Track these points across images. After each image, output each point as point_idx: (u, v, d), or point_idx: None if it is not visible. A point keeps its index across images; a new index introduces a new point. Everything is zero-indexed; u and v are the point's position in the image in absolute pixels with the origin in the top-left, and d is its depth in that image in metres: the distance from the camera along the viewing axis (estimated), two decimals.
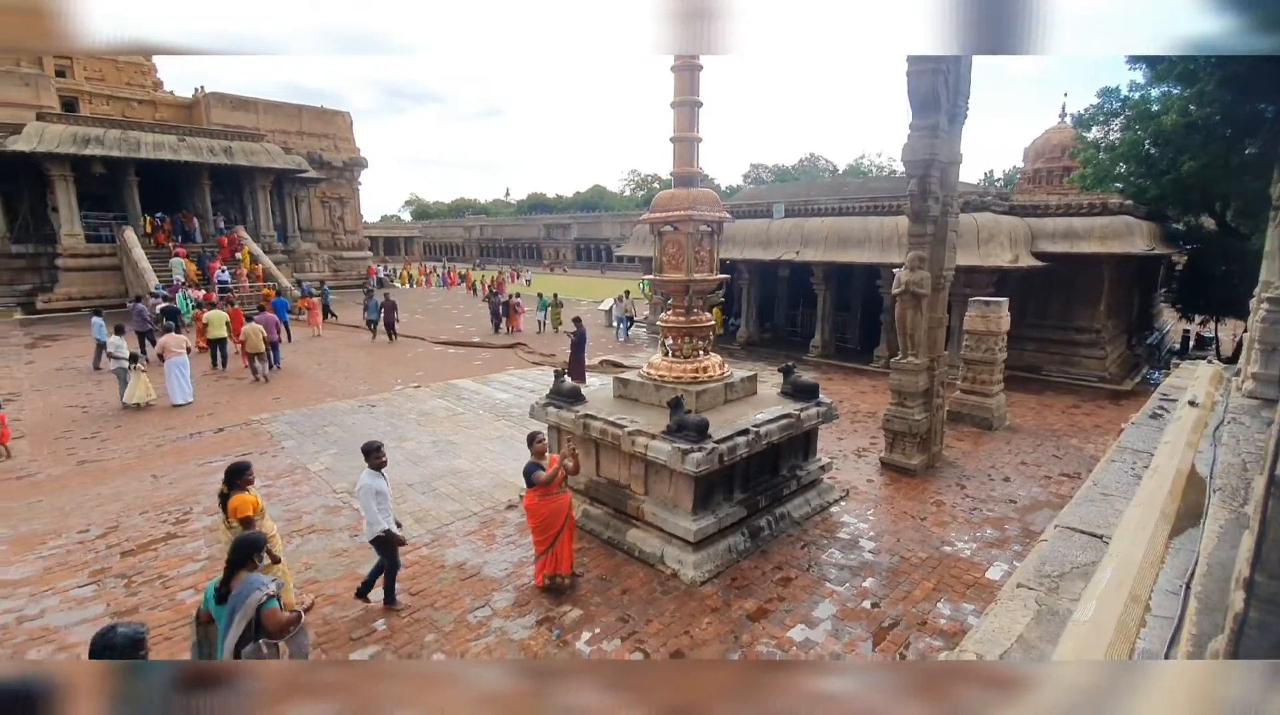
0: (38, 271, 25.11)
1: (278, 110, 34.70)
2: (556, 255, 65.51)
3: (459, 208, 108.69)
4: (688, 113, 6.68)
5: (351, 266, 35.86)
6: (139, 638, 2.77)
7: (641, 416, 6.55)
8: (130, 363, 11.59)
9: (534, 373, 15.00)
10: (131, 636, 2.75)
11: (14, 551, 6.32)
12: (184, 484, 8.07)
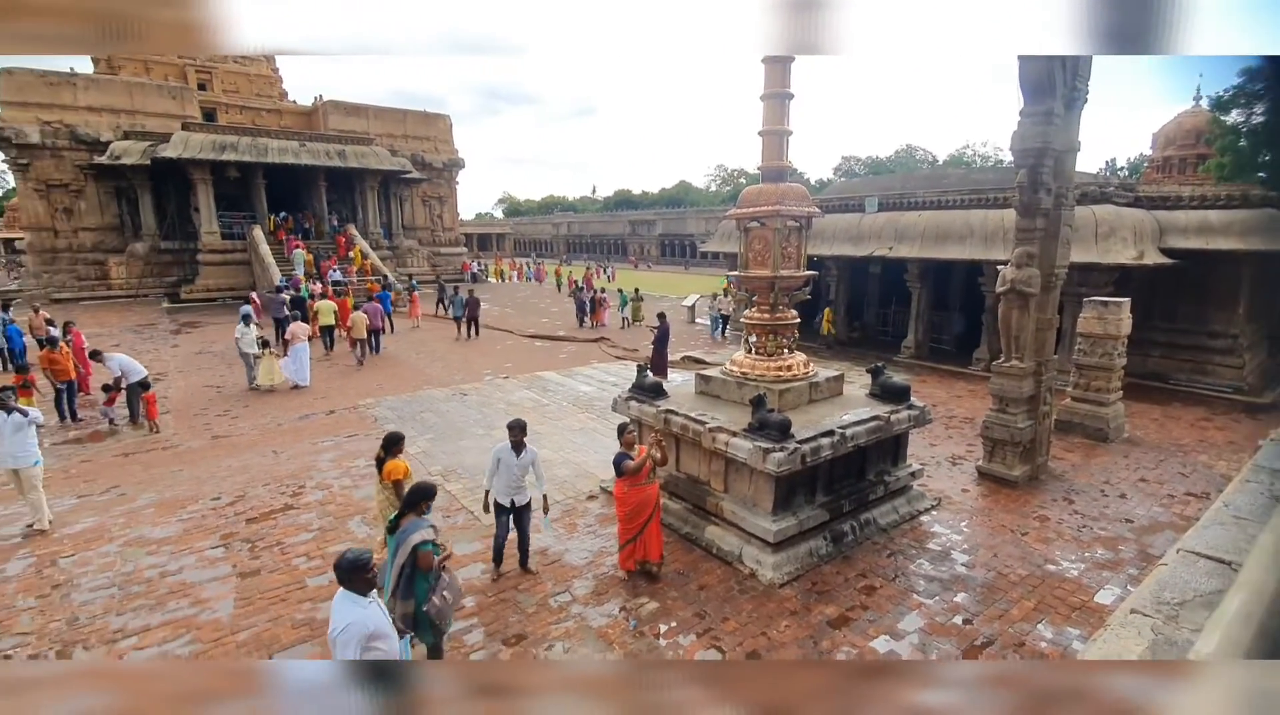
0: (182, 265, 28.15)
1: (385, 115, 37.03)
2: (641, 251, 66.03)
3: (548, 205, 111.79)
4: (778, 105, 6.56)
5: (448, 262, 37.74)
6: (364, 560, 3.20)
7: (722, 413, 6.52)
8: (262, 349, 12.75)
9: (616, 367, 15.24)
10: (355, 560, 3.18)
11: (159, 514, 7.15)
12: (300, 461, 8.83)
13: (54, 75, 28.17)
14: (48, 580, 5.79)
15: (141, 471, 8.51)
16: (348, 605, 3.13)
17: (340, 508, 7.28)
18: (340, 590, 3.20)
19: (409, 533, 4.07)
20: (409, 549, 4.02)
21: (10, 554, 6.26)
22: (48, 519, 6.78)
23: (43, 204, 27.53)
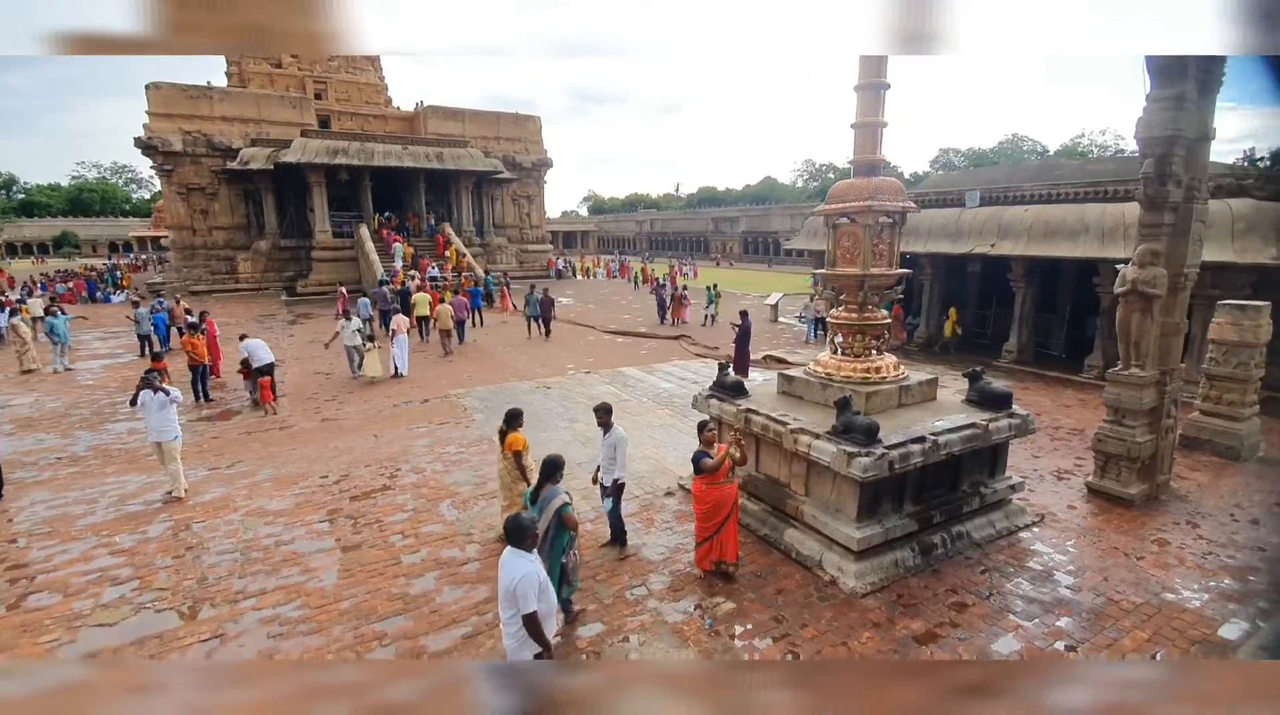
0: (298, 261, 30.61)
1: (480, 118, 38.65)
2: (724, 248, 65.39)
3: (632, 203, 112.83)
4: (872, 96, 6.31)
5: (535, 259, 38.91)
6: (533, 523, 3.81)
7: (805, 415, 6.37)
8: (366, 342, 13.55)
9: (696, 364, 15.20)
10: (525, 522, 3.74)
11: (276, 488, 7.84)
12: (397, 445, 9.41)
13: (194, 89, 31.34)
14: (182, 542, 6.48)
15: (261, 448, 9.35)
16: (519, 560, 3.61)
17: (433, 491, 7.70)
18: (508, 548, 3.69)
19: (550, 499, 4.69)
20: (553, 511, 4.63)
21: (152, 517, 7.06)
22: (183, 488, 7.59)
23: (183, 205, 30.73)
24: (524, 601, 3.49)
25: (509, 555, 3.67)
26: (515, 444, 6.15)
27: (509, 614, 3.59)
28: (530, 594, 3.50)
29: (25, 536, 6.65)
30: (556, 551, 4.74)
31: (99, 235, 73.55)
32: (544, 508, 4.68)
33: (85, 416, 11.12)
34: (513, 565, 3.59)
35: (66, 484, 8.09)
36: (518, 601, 3.51)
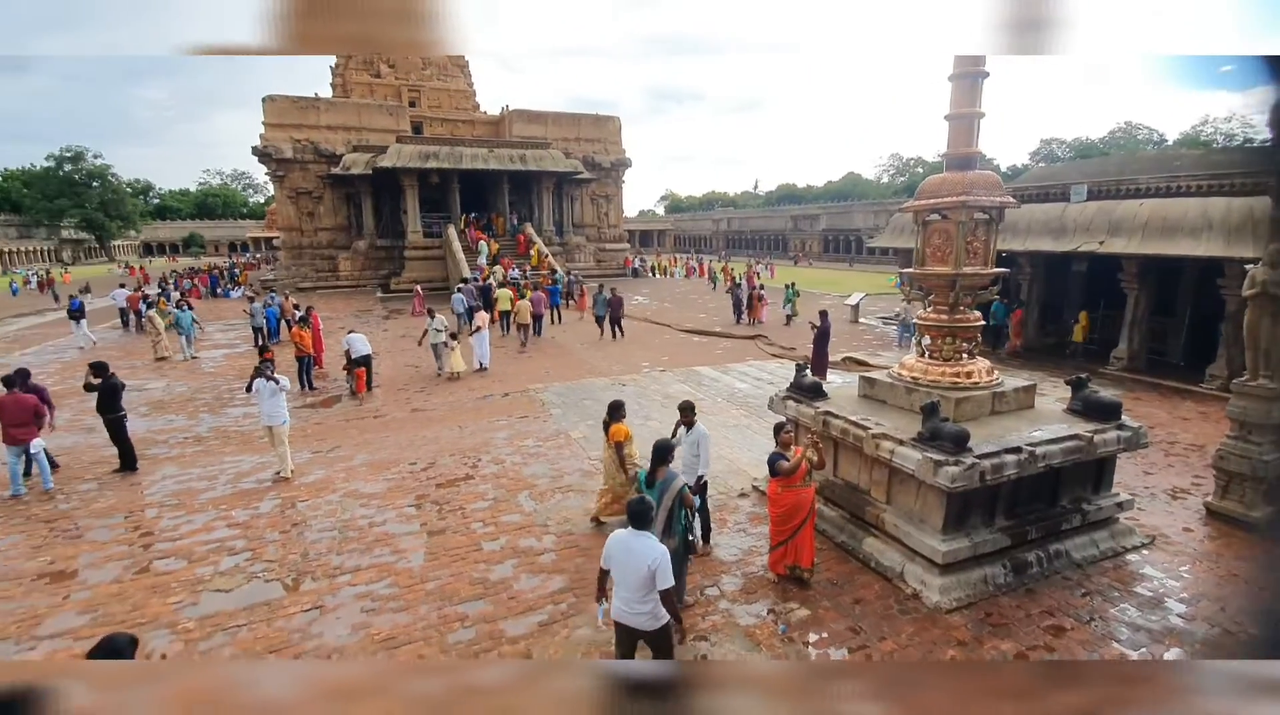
0: (392, 260, 32.45)
1: (562, 120, 39.55)
2: (802, 247, 63.84)
3: (709, 201, 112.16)
4: (969, 86, 5.99)
5: (612, 257, 39.43)
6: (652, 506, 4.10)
7: (888, 419, 6.13)
8: (450, 340, 14.02)
9: (773, 365, 14.94)
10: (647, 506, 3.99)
11: (370, 472, 8.36)
12: (479, 436, 9.81)
13: (303, 100, 33.80)
14: (288, 519, 7.03)
15: (358, 435, 10.00)
16: (648, 541, 3.84)
17: (512, 482, 7.97)
18: (629, 531, 3.88)
19: (670, 481, 4.93)
20: (675, 492, 4.86)
21: (264, 495, 7.70)
22: (290, 469, 8.23)
23: (293, 208, 33.25)
24: (664, 578, 3.73)
25: (634, 537, 3.84)
26: (617, 435, 6.37)
27: (642, 593, 3.78)
28: (669, 571, 3.76)
29: (157, 507, 7.42)
30: (681, 532, 4.97)
31: (221, 236, 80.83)
32: (664, 490, 4.89)
33: (208, 401, 12.26)
34: (646, 546, 3.80)
35: (191, 461, 8.96)
36: (656, 580, 3.73)
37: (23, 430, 7.63)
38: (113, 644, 2.94)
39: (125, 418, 8.67)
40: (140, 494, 7.81)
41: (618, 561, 3.85)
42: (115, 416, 8.51)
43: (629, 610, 3.85)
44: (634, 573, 3.78)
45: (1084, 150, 60.86)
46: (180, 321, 16.62)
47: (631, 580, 3.80)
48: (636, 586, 3.79)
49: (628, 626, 3.90)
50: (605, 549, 3.93)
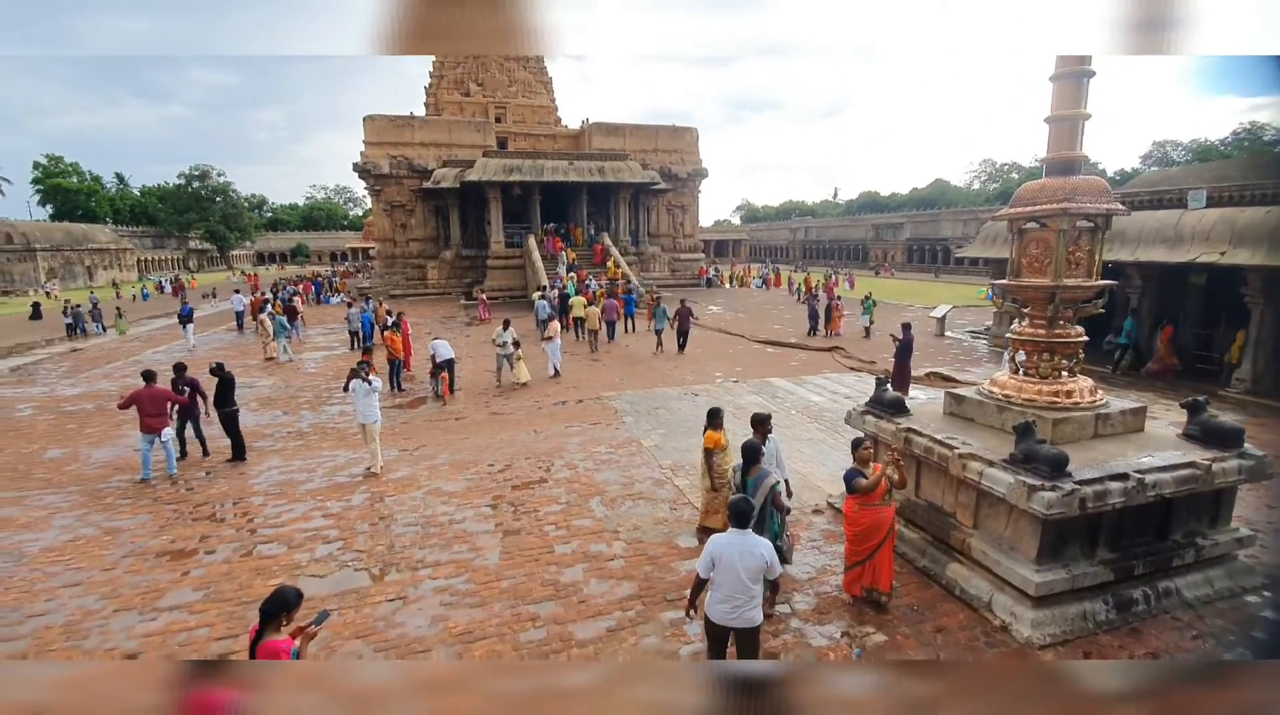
0: (475, 269, 33.84)
1: (639, 132, 40.10)
2: (884, 257, 61.55)
3: (786, 210, 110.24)
4: (1073, 86, 5.62)
5: (687, 267, 39.46)
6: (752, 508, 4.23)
7: (976, 439, 5.81)
8: (514, 349, 13.90)
9: (850, 378, 14.47)
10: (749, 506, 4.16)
11: (451, 471, 8.73)
12: (553, 441, 10.04)
13: (400, 119, 35.95)
14: (377, 513, 7.45)
15: (440, 435, 10.47)
16: (751, 537, 4.01)
17: (584, 487, 8.11)
18: (731, 531, 4.04)
19: (764, 477, 5.14)
20: (767, 487, 5.10)
21: (355, 488, 8.20)
22: (380, 465, 8.72)
23: (388, 220, 35.35)
24: (775, 568, 3.98)
25: (739, 537, 3.98)
26: (708, 441, 6.54)
27: (749, 592, 3.93)
28: (777, 561, 4.02)
29: (262, 495, 8.05)
30: (774, 530, 5.21)
31: (324, 246, 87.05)
32: (758, 488, 5.10)
33: (309, 399, 13.19)
34: (753, 542, 3.97)
35: (293, 454, 9.66)
36: (768, 571, 3.96)
37: (157, 420, 8.49)
38: (283, 595, 3.38)
39: (237, 412, 9.48)
40: (248, 483, 8.50)
41: (725, 562, 3.94)
42: (229, 410, 9.31)
43: (731, 610, 3.96)
44: (745, 570, 3.90)
45: (1203, 153, 55.49)
46: (282, 326, 17.97)
47: (740, 578, 3.91)
48: (744, 585, 3.91)
49: (725, 626, 4.01)
50: (706, 555, 4.01)
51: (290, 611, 3.34)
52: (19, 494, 8.27)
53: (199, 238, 72.45)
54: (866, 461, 5.47)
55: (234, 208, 72.96)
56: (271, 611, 3.30)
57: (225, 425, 9.39)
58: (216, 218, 70.26)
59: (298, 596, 3.42)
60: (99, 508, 7.74)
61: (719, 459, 6.56)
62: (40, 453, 9.92)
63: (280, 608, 3.31)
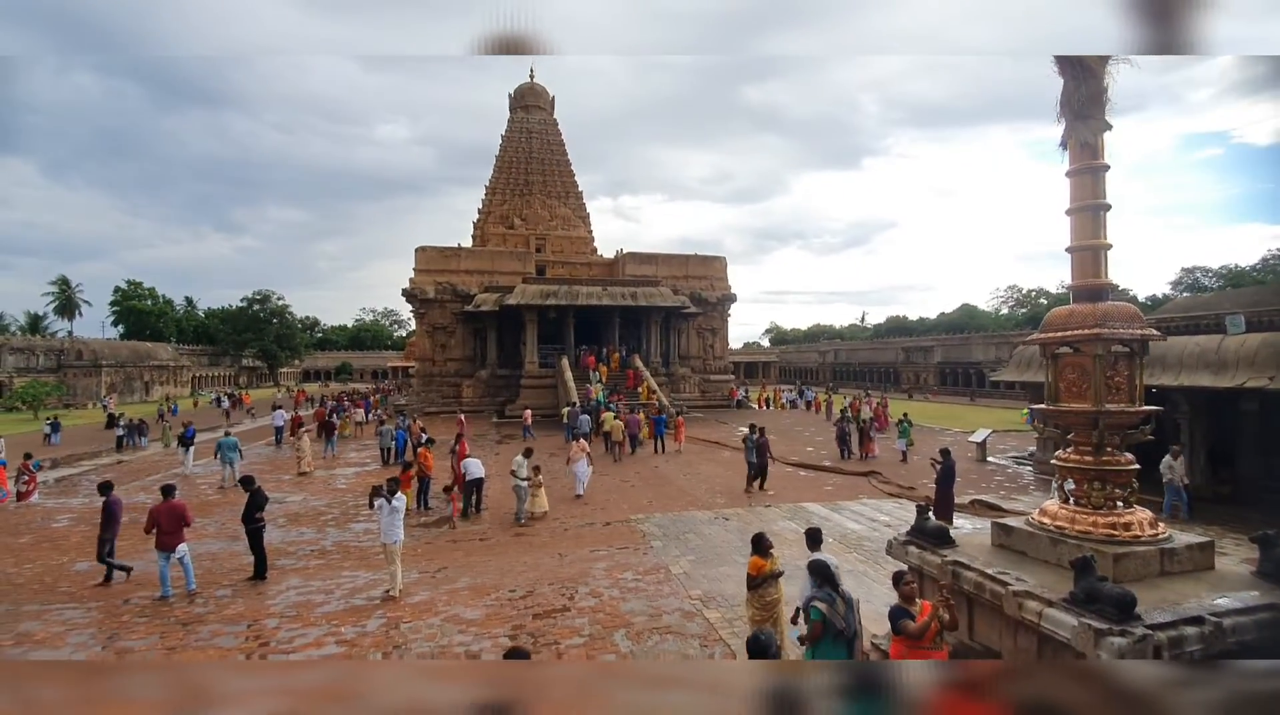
0: (508, 388, 34.60)
1: (671, 260, 42.26)
2: (916, 379, 61.06)
3: (814, 333, 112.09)
4: (1090, 218, 5.81)
5: (716, 388, 39.68)
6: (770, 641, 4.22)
7: (1030, 575, 5.39)
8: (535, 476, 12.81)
9: (889, 505, 13.85)
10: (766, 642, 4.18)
11: (471, 596, 8.38)
12: (578, 566, 9.65)
13: (448, 249, 38.72)
14: (391, 640, 7.10)
15: (463, 557, 10.18)
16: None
17: (608, 618, 7.65)
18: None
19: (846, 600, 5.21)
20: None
21: (371, 612, 7.89)
22: (398, 588, 8.44)
23: (429, 341, 36.95)
24: None
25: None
26: (751, 567, 6.36)
27: None
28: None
29: (278, 617, 7.79)
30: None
31: (367, 365, 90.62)
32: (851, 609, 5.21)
33: (335, 516, 13.12)
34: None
35: (314, 574, 9.46)
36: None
37: (173, 537, 8.47)
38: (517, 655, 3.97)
39: (263, 528, 9.43)
40: (265, 604, 8.27)
41: None
42: (254, 526, 9.28)
43: None
44: None
45: (1235, 278, 55.55)
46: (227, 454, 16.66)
47: None
48: None
49: None
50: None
51: None
52: (42, 607, 8.17)
53: (251, 356, 76.35)
54: (912, 598, 5.09)
55: (288, 329, 77.40)
56: None
57: (250, 540, 9.32)
58: (270, 338, 74.40)
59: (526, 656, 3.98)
60: (115, 625, 7.57)
61: (775, 588, 6.28)
62: (70, 565, 9.92)
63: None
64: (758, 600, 6.25)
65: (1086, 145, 5.75)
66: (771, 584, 6.30)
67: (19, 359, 51.08)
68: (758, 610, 6.24)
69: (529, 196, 46.25)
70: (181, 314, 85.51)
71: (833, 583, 5.32)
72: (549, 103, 49.86)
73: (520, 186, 46.47)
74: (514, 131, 48.26)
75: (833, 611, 5.17)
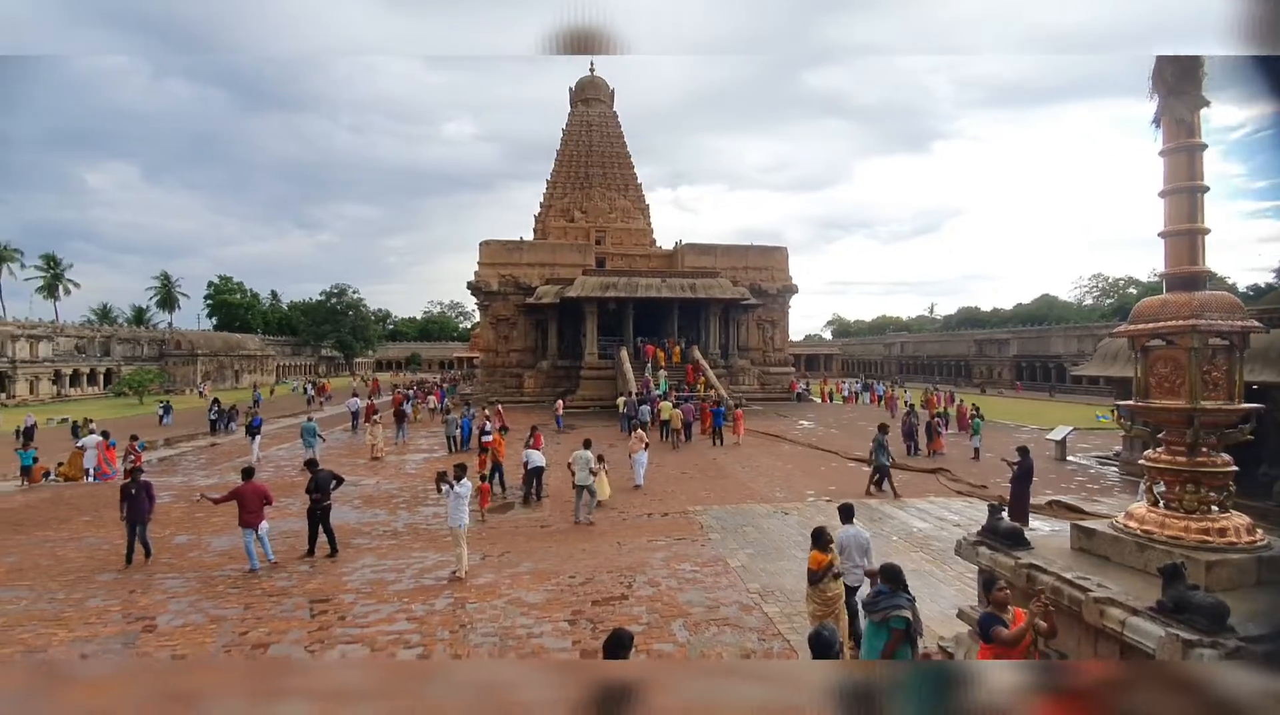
0: (569, 378, 35.19)
1: (731, 251, 41.78)
2: (989, 374, 58.20)
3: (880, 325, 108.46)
4: (1186, 201, 5.39)
5: (776, 381, 39.10)
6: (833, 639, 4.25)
7: (1112, 581, 5.09)
8: (599, 464, 12.85)
9: (958, 503, 13.32)
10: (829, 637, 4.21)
11: (533, 581, 8.63)
12: (636, 555, 9.77)
13: (511, 243, 39.63)
14: (457, 620, 7.41)
15: (525, 543, 10.48)
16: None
17: (666, 607, 7.72)
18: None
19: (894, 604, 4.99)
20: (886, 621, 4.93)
21: (439, 592, 8.25)
22: (464, 569, 8.79)
23: (492, 333, 38.01)
24: None
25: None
26: (811, 561, 6.30)
27: None
28: None
29: (354, 593, 8.26)
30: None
31: (435, 355, 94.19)
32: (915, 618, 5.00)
33: (405, 500, 13.75)
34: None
35: (386, 553, 9.96)
36: None
37: (254, 515, 9.11)
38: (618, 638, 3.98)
39: (327, 508, 9.92)
40: (343, 580, 8.78)
41: None
42: (315, 505, 9.79)
43: None
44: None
45: None
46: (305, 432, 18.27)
47: None
48: None
49: None
50: None
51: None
52: (146, 576, 8.96)
53: (329, 346, 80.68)
54: (1004, 605, 4.83)
55: (362, 321, 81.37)
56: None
57: (310, 519, 9.83)
58: (347, 329, 78.38)
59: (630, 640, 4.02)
60: (210, 595, 8.22)
61: (834, 584, 6.20)
62: (170, 538, 10.82)
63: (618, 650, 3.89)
64: (818, 595, 6.17)
65: (1182, 122, 5.33)
66: (832, 579, 6.19)
67: (126, 349, 55.84)
68: (819, 605, 6.15)
69: (589, 189, 46.69)
70: (267, 306, 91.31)
71: (905, 587, 5.16)
72: (609, 95, 50.07)
73: (580, 180, 46.98)
74: (574, 125, 48.76)
75: (916, 620, 5.03)
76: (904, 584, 5.11)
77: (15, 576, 8.91)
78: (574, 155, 47.80)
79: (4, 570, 9.17)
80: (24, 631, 7.06)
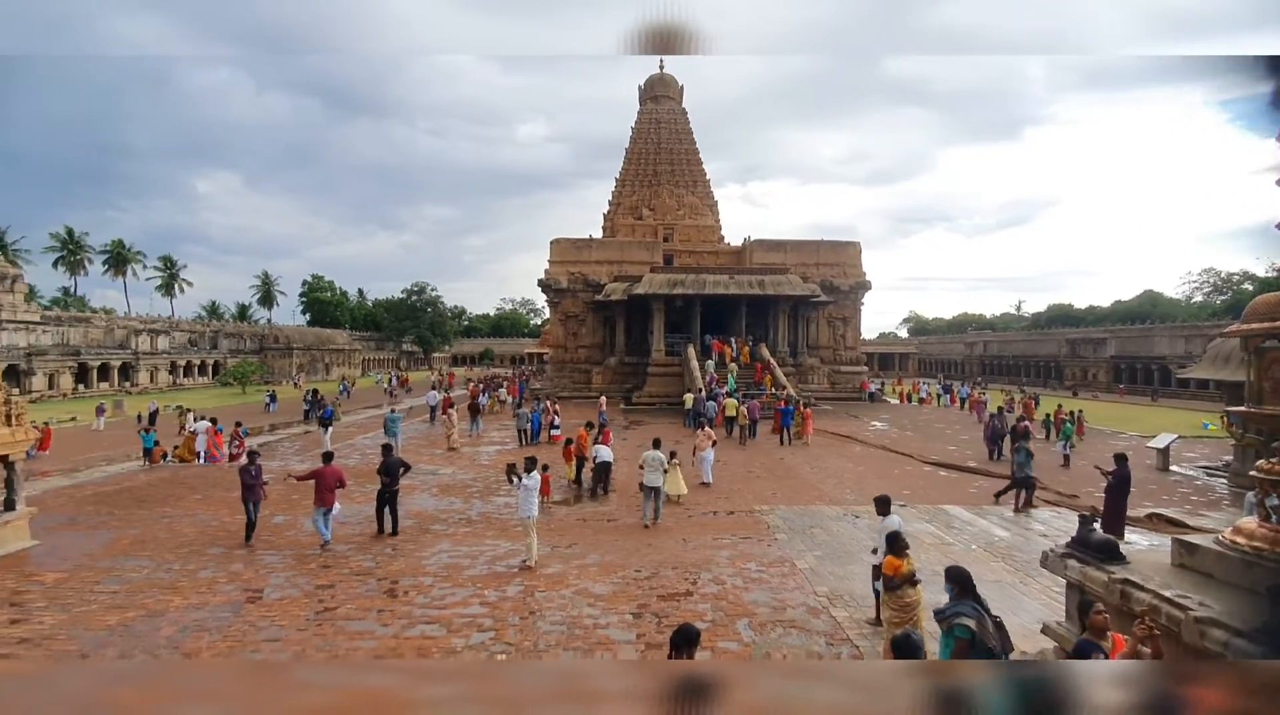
0: (636, 375, 35.51)
1: (801, 247, 40.92)
2: (1083, 376, 54.35)
3: (960, 323, 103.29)
4: None
5: (847, 380, 38.02)
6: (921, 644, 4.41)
7: (1216, 600, 4.71)
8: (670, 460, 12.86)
9: (1045, 513, 12.57)
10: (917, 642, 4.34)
11: (599, 573, 8.82)
12: (701, 552, 9.80)
13: (580, 241, 40.37)
14: (527, 607, 7.68)
15: (592, 536, 10.71)
16: None
17: (731, 606, 7.72)
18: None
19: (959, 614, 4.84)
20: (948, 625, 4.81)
21: (511, 579, 8.57)
22: (534, 559, 9.09)
23: (562, 329, 38.85)
24: None
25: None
26: (887, 567, 6.20)
27: None
28: None
29: (432, 576, 8.70)
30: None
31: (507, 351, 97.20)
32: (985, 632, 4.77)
33: (479, 489, 14.32)
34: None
35: (461, 540, 10.43)
36: None
37: (330, 495, 9.88)
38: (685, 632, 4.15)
39: (397, 492, 10.63)
40: (422, 563, 9.27)
41: None
42: (383, 488, 10.52)
43: None
44: None
45: None
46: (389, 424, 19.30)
47: None
48: None
49: None
50: None
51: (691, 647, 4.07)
52: (248, 552, 9.77)
53: (410, 342, 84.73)
54: (1103, 631, 4.53)
55: (440, 317, 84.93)
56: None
57: (378, 500, 10.54)
58: (425, 325, 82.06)
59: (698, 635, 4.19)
60: (305, 571, 8.87)
61: (912, 590, 6.02)
62: (270, 518, 11.72)
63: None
64: (895, 601, 6.01)
65: None
66: (909, 586, 6.02)
67: (231, 342, 60.78)
68: (896, 612, 6.00)
69: (657, 187, 46.84)
70: (354, 304, 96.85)
71: (975, 594, 4.94)
72: (678, 92, 50.03)
73: (649, 177, 47.20)
74: (643, 123, 49.02)
75: (983, 628, 4.74)
76: (971, 590, 4.89)
77: (139, 547, 9.92)
78: (642, 153, 48.07)
79: (129, 541, 10.22)
80: (146, 597, 7.87)
